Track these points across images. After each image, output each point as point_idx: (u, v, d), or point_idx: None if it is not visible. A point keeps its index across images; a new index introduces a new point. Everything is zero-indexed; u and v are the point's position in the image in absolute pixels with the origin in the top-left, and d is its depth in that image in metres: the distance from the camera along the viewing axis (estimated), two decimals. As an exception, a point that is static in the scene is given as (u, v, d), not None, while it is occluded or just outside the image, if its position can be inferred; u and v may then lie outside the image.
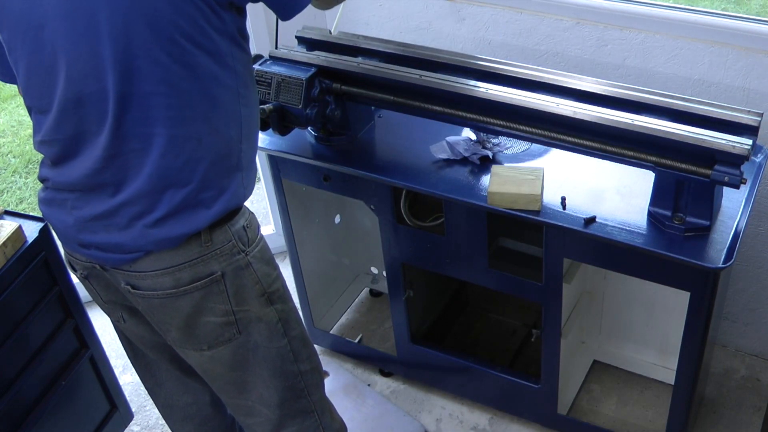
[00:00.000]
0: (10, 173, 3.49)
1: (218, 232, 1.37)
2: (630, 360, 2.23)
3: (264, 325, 1.47)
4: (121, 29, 1.19)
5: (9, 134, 3.78)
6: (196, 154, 1.29)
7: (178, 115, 1.26)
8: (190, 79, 1.25)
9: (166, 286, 1.38)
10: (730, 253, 1.51)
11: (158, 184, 1.29)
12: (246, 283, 1.42)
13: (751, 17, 1.84)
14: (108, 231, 1.35)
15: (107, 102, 1.23)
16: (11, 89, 4.12)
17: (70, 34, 1.21)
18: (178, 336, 1.45)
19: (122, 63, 1.21)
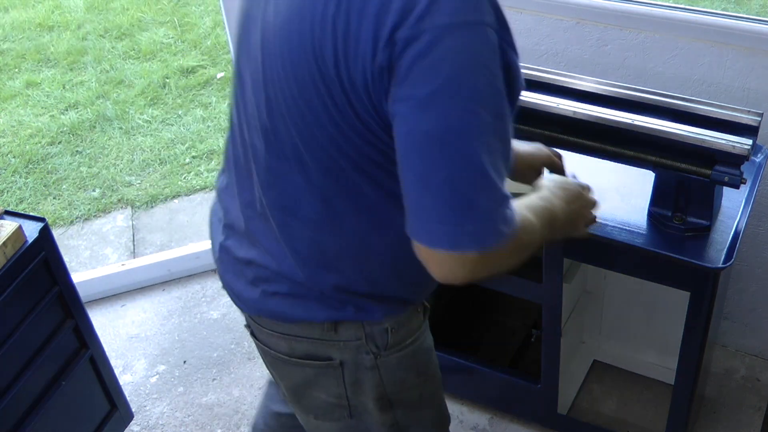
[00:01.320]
0: (10, 173, 3.49)
1: (348, 325, 1.21)
2: (630, 360, 2.23)
3: (377, 423, 1.32)
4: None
5: (9, 134, 3.78)
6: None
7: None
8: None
9: (281, 350, 1.28)
10: (730, 253, 1.51)
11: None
12: (366, 381, 1.26)
13: (751, 17, 1.84)
14: (237, 276, 1.28)
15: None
16: (11, 89, 4.13)
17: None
18: (287, 394, 1.36)
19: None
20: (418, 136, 0.96)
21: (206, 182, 3.32)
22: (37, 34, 4.69)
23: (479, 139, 0.95)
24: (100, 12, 4.87)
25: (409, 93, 0.96)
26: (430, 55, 0.93)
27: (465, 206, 0.96)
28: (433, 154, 0.95)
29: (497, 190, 0.97)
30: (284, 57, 1.07)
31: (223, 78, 4.10)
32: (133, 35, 4.57)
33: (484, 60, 0.96)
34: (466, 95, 0.94)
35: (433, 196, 0.96)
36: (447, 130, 0.94)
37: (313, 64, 1.03)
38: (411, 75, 0.95)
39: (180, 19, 4.69)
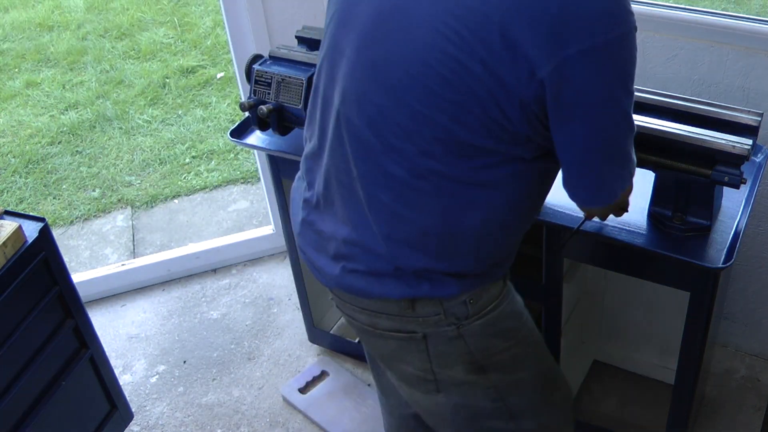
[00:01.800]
0: (10, 173, 3.49)
1: (425, 302, 1.25)
2: (630, 360, 2.23)
3: (469, 389, 1.35)
4: None
5: (9, 134, 3.78)
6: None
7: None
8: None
9: (364, 321, 1.33)
10: (730, 253, 1.51)
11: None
12: (452, 352, 1.30)
13: (751, 17, 1.84)
14: (318, 251, 1.33)
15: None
16: (11, 89, 4.13)
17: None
18: (380, 361, 1.41)
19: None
20: (586, 141, 1.16)
21: (206, 182, 3.32)
22: (37, 34, 4.69)
23: (629, 130, 1.19)
24: (100, 12, 4.87)
25: (572, 101, 1.10)
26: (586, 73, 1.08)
27: (627, 159, 1.22)
28: (614, 139, 1.17)
29: (632, 155, 1.23)
30: (417, 38, 1.12)
31: (223, 78, 4.10)
32: (133, 35, 4.57)
33: (631, 64, 1.13)
34: (623, 102, 1.14)
35: (611, 168, 1.21)
36: (613, 127, 1.16)
37: (458, 55, 1.10)
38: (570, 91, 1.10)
39: (180, 19, 4.69)
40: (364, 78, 1.19)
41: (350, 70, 1.21)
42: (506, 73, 1.08)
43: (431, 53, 1.11)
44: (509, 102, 1.10)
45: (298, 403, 2.27)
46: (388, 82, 1.16)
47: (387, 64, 1.16)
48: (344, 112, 1.23)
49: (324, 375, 2.35)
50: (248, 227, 3.02)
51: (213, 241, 2.83)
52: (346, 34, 1.23)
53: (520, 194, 1.22)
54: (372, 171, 1.21)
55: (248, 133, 1.99)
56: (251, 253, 2.82)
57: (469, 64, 1.09)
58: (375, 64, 1.17)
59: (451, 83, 1.11)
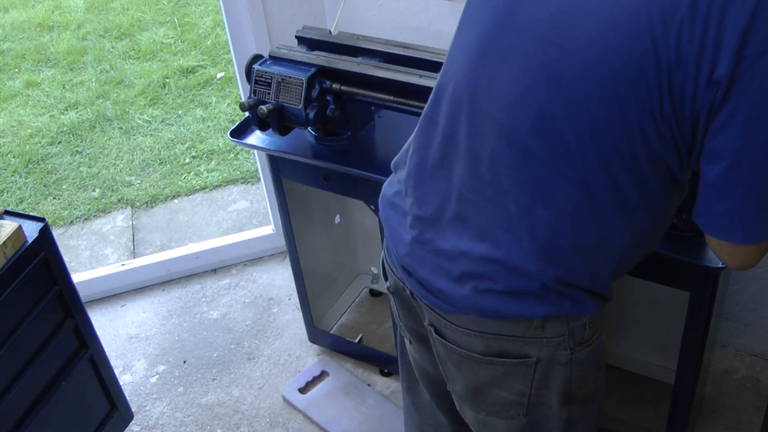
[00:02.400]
0: (10, 173, 3.49)
1: (555, 322, 1.20)
2: (630, 360, 2.23)
3: (552, 418, 1.32)
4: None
5: (9, 134, 3.78)
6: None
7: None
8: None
9: (475, 349, 1.26)
10: (730, 253, 1.51)
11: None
12: (555, 375, 1.26)
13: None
14: (437, 272, 1.23)
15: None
16: (11, 89, 4.13)
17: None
18: (461, 392, 1.35)
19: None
20: (746, 153, 1.03)
21: (206, 182, 3.32)
22: (37, 34, 4.69)
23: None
24: (100, 12, 4.87)
25: (743, 109, 1.00)
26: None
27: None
28: (760, 167, 1.03)
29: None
30: (608, 45, 1.05)
31: (223, 78, 4.10)
32: (133, 35, 4.58)
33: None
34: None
35: (757, 203, 1.06)
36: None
37: (641, 54, 1.03)
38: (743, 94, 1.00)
39: (180, 19, 4.69)
40: (533, 82, 1.11)
41: (513, 73, 1.13)
42: (688, 73, 1.01)
43: (616, 57, 1.05)
44: (682, 110, 1.03)
45: (298, 403, 2.27)
46: (567, 88, 1.09)
47: (567, 68, 1.09)
48: (500, 118, 1.14)
49: (324, 375, 2.35)
50: (248, 227, 3.02)
51: (213, 241, 2.83)
52: (510, 36, 1.15)
53: (665, 214, 1.19)
54: (529, 183, 1.14)
55: (248, 133, 1.99)
56: (251, 253, 2.82)
57: (654, 67, 1.02)
58: (552, 68, 1.10)
59: (636, 91, 1.04)
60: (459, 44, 1.24)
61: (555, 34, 1.09)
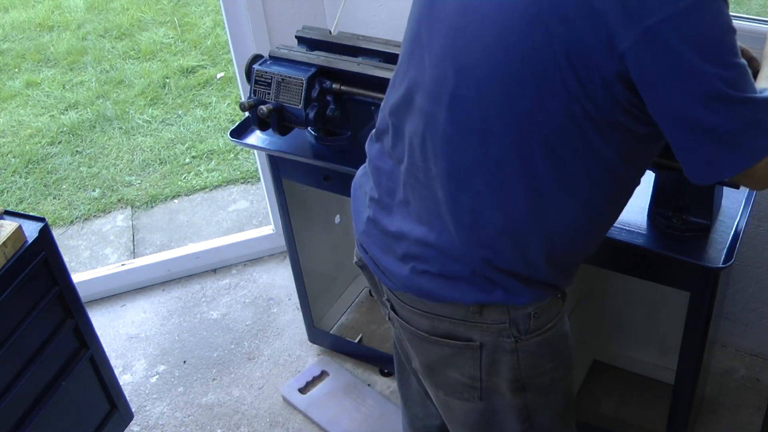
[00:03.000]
0: (10, 173, 3.49)
1: (493, 309, 1.24)
2: (630, 360, 2.23)
3: (506, 405, 1.34)
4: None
5: (9, 134, 3.78)
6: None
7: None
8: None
9: (422, 327, 1.30)
10: (730, 253, 1.51)
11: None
12: (503, 363, 1.29)
13: (751, 17, 1.84)
14: (385, 251, 1.29)
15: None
16: (11, 89, 4.13)
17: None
18: (419, 369, 1.39)
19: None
20: (681, 110, 1.06)
21: (206, 182, 3.32)
22: (37, 34, 4.69)
23: (737, 86, 1.05)
24: (100, 12, 4.87)
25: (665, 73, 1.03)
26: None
27: (753, 127, 1.07)
28: (715, 112, 1.05)
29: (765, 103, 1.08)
30: (503, 26, 1.09)
31: (223, 78, 4.10)
32: (133, 35, 4.58)
33: (722, 31, 1.04)
34: (725, 55, 1.04)
35: (725, 136, 1.07)
36: (712, 102, 1.05)
37: (535, 35, 1.06)
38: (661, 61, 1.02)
39: (180, 19, 4.69)
40: (445, 69, 1.16)
41: (431, 62, 1.19)
42: (585, 46, 1.04)
43: (510, 37, 1.09)
44: (590, 78, 1.06)
45: (298, 403, 2.27)
46: (470, 72, 1.14)
47: (470, 53, 1.13)
48: (425, 106, 1.20)
49: (324, 375, 2.35)
50: (248, 227, 3.02)
51: (213, 241, 2.83)
52: (429, 25, 1.21)
53: (599, 201, 1.20)
54: (452, 167, 1.18)
55: (248, 133, 1.99)
56: (251, 253, 2.82)
57: (548, 43, 1.06)
58: (458, 54, 1.15)
59: (532, 66, 1.08)
60: (403, 39, 1.32)
61: (462, 21, 1.14)
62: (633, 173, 1.22)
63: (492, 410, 1.36)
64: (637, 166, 1.22)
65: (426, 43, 1.21)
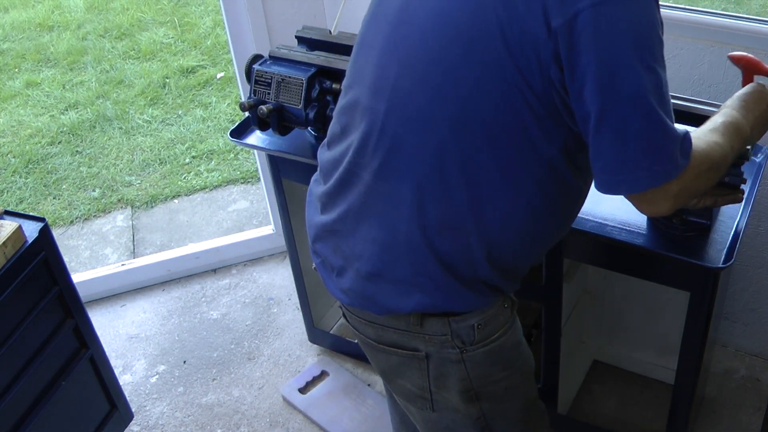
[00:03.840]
0: (10, 173, 3.49)
1: (434, 320, 1.23)
2: (630, 360, 2.23)
3: (461, 417, 1.33)
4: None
5: (9, 134, 3.78)
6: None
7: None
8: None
9: (369, 335, 1.31)
10: (730, 253, 1.51)
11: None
12: (451, 374, 1.28)
13: (751, 17, 1.84)
14: (335, 252, 1.28)
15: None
16: (11, 89, 4.13)
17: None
18: (380, 375, 1.40)
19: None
20: (606, 108, 1.05)
21: (206, 182, 3.32)
22: (37, 34, 4.69)
23: (654, 95, 1.06)
24: (100, 12, 4.87)
25: (587, 68, 1.03)
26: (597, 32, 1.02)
27: (655, 151, 1.07)
28: (625, 117, 1.05)
29: (675, 131, 1.08)
30: (443, 15, 1.10)
31: (223, 78, 4.10)
32: (133, 35, 4.58)
33: (650, 29, 1.05)
34: (641, 58, 1.04)
35: (628, 152, 1.07)
36: (627, 97, 1.04)
37: (472, 19, 1.07)
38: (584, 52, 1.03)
39: (180, 19, 4.69)
40: (387, 61, 1.17)
41: (373, 57, 1.20)
42: (522, 26, 1.04)
43: (449, 25, 1.09)
44: (527, 61, 1.05)
45: (298, 403, 2.27)
46: (410, 62, 1.14)
47: (410, 43, 1.14)
48: (367, 103, 1.20)
49: (324, 375, 2.35)
50: (248, 227, 3.02)
51: (213, 241, 2.83)
52: (374, 26, 1.23)
53: (544, 203, 1.19)
54: (394, 160, 1.17)
55: (248, 133, 1.99)
56: (251, 253, 2.82)
57: (481, 24, 1.06)
58: (399, 46, 1.16)
59: (470, 53, 1.08)
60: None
61: (404, 14, 1.15)
62: (579, 179, 1.21)
63: (446, 422, 1.35)
64: (583, 171, 1.21)
65: (370, 43, 1.22)
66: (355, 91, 1.24)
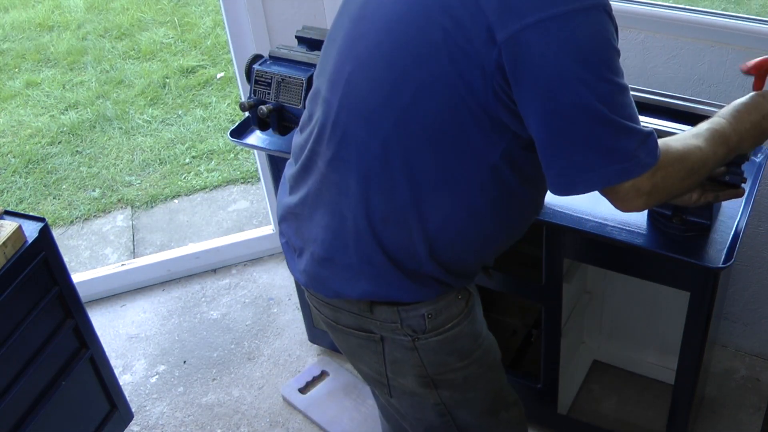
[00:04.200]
0: (10, 173, 3.49)
1: (383, 308, 1.25)
2: (630, 360, 2.23)
3: (418, 400, 1.35)
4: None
5: (9, 134, 3.78)
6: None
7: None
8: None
9: (327, 315, 1.34)
10: (730, 253, 1.51)
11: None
12: (406, 360, 1.30)
13: (751, 17, 1.84)
14: (296, 234, 1.32)
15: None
16: (11, 89, 4.13)
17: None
18: (344, 354, 1.42)
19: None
20: (552, 118, 1.06)
21: (206, 182, 3.32)
22: (37, 34, 4.69)
23: (604, 102, 1.05)
24: (100, 12, 4.87)
25: (535, 80, 1.05)
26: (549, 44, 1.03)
27: (607, 152, 1.07)
28: (572, 124, 1.06)
29: (637, 131, 1.08)
30: (395, 16, 1.14)
31: (223, 78, 4.10)
32: (133, 35, 4.58)
33: (599, 43, 1.05)
34: (593, 67, 1.04)
35: (578, 156, 1.08)
36: (575, 108, 1.05)
37: (418, 23, 1.11)
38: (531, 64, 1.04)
39: (180, 19, 4.69)
40: (345, 60, 1.21)
41: (334, 51, 1.24)
42: (466, 36, 1.06)
43: (398, 27, 1.13)
44: (470, 69, 1.07)
45: (298, 403, 2.27)
46: (363, 60, 1.18)
47: (364, 42, 1.18)
48: (326, 95, 1.24)
49: (324, 375, 2.35)
50: (248, 227, 3.02)
51: (213, 241, 2.83)
52: (339, 20, 1.27)
53: (487, 209, 1.20)
54: (342, 152, 1.20)
55: (248, 133, 1.99)
56: (251, 253, 2.82)
57: (428, 31, 1.09)
58: (356, 43, 1.20)
59: (415, 56, 1.11)
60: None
61: (363, 11, 1.19)
62: (527, 185, 1.22)
63: (404, 407, 1.37)
64: (530, 178, 1.21)
65: (334, 37, 1.26)
66: (319, 82, 1.28)
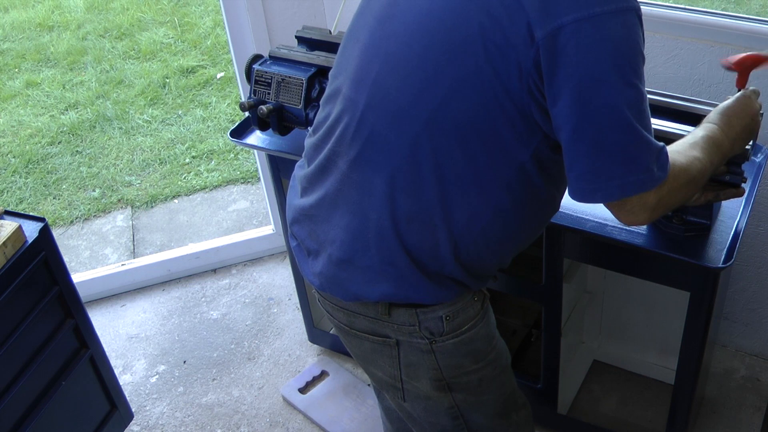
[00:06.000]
0: (10, 173, 3.49)
1: (401, 311, 1.25)
2: (630, 360, 2.23)
3: (432, 404, 1.35)
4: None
5: (9, 134, 3.78)
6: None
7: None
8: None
9: (341, 320, 1.33)
10: (730, 253, 1.51)
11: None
12: (422, 364, 1.30)
13: (751, 17, 1.84)
14: (310, 236, 1.30)
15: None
16: (11, 89, 4.13)
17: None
18: (356, 360, 1.42)
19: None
20: (582, 119, 1.07)
21: (206, 182, 3.32)
22: (37, 34, 4.69)
23: (632, 109, 1.07)
24: (100, 12, 4.87)
25: (567, 81, 1.05)
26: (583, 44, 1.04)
27: (629, 162, 1.09)
28: (601, 129, 1.07)
29: (654, 144, 1.10)
30: (428, 14, 1.13)
31: (223, 78, 4.10)
32: (133, 35, 4.58)
33: (631, 46, 1.07)
34: (620, 74, 1.06)
35: (602, 162, 1.09)
36: (605, 110, 1.06)
37: (454, 21, 1.10)
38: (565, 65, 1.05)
39: (180, 19, 4.69)
40: (372, 58, 1.19)
41: (356, 51, 1.23)
42: (505, 34, 1.06)
43: (432, 24, 1.12)
44: (507, 67, 1.08)
45: (298, 403, 2.27)
46: (393, 59, 1.16)
47: (395, 39, 1.16)
48: (348, 94, 1.23)
49: (324, 375, 2.35)
50: (248, 227, 3.02)
51: (213, 241, 2.83)
52: (361, 19, 1.26)
53: (513, 208, 1.20)
54: (368, 151, 1.19)
55: (248, 133, 1.99)
56: (251, 253, 2.82)
57: (464, 28, 1.09)
58: (384, 42, 1.18)
59: (449, 54, 1.11)
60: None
61: (392, 9, 1.18)
62: (551, 186, 1.22)
63: (417, 411, 1.37)
64: (554, 180, 1.22)
65: (356, 36, 1.25)
66: (339, 81, 1.27)
